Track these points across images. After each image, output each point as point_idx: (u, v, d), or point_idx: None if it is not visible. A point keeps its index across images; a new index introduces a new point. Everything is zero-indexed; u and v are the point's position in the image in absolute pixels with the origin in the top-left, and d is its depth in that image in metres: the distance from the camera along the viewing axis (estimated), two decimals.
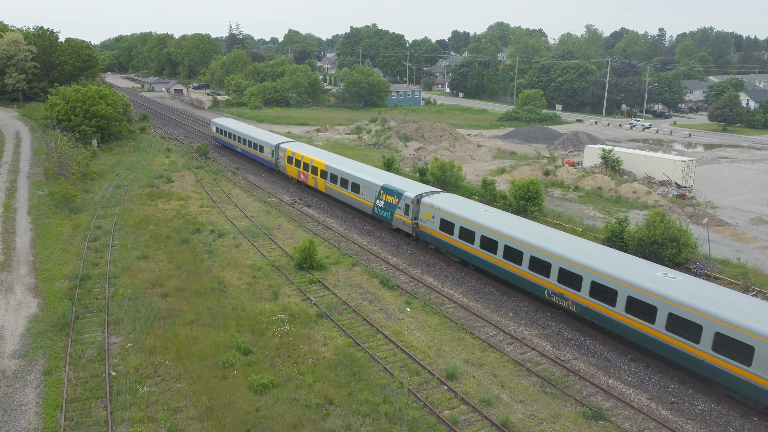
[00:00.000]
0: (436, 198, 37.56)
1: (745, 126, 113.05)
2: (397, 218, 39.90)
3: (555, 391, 23.32)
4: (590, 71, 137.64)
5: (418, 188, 40.08)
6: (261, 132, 66.26)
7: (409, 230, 39.05)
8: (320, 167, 48.62)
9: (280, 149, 56.58)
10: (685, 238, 35.13)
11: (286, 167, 55.70)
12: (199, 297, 30.29)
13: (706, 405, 22.94)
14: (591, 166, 64.32)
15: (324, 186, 48.51)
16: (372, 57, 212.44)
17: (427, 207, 37.01)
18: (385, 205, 40.84)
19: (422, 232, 37.83)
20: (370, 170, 46.13)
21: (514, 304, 31.51)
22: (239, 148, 66.82)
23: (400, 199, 39.37)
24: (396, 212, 39.83)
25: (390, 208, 40.47)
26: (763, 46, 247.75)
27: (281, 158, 56.39)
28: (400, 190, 39.75)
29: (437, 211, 36.06)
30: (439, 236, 36.20)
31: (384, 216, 41.29)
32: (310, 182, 50.79)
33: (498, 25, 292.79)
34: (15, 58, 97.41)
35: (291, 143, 57.47)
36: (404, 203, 39.03)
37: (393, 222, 40.47)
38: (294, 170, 53.84)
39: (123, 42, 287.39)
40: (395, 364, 24.77)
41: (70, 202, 44.74)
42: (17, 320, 27.14)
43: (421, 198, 38.06)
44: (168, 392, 22.14)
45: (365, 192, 43.00)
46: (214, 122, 75.47)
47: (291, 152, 54.09)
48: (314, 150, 53.96)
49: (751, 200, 55.05)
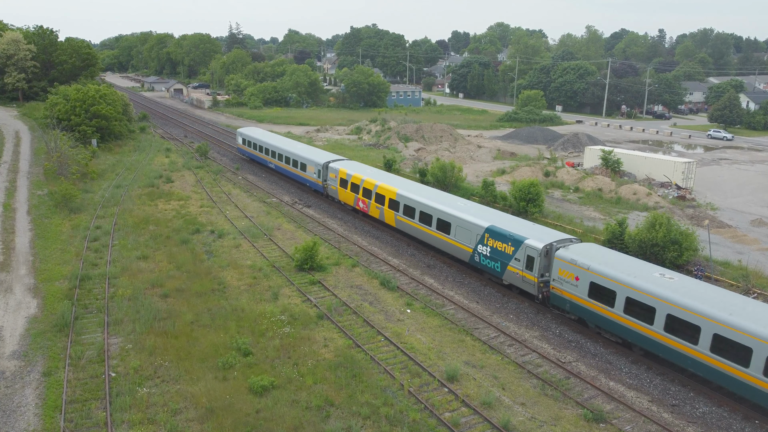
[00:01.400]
0: (580, 251, 28.46)
1: (745, 127, 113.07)
2: (513, 273, 31.00)
3: (556, 394, 23.28)
4: (590, 72, 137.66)
5: (545, 234, 30.92)
6: (303, 147, 56.68)
7: (532, 290, 30.12)
8: (388, 195, 40.44)
9: (330, 170, 47.84)
10: (689, 241, 35.11)
11: (337, 191, 47.02)
12: (199, 298, 30.23)
13: (708, 408, 22.89)
14: (591, 167, 64.30)
15: (394, 219, 40.06)
16: (372, 57, 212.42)
17: (566, 264, 28.04)
18: (493, 253, 32.06)
19: (556, 295, 28.94)
20: (463, 205, 36.83)
21: (514, 305, 31.46)
22: (272, 163, 58.40)
23: (518, 247, 30.41)
24: (511, 264, 30.93)
25: (500, 258, 31.67)
26: (763, 47, 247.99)
27: (331, 180, 47.82)
28: (519, 236, 30.71)
29: (585, 272, 27.10)
30: (588, 306, 27.09)
31: (490, 267, 32.51)
32: (373, 212, 42.55)
33: (498, 25, 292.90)
34: (15, 58, 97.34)
35: (344, 162, 48.65)
36: (525, 254, 30.06)
37: (504, 276, 31.68)
38: (349, 196, 45.33)
39: (123, 41, 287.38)
40: (396, 365, 24.71)
41: (69, 202, 44.67)
42: (17, 321, 27.07)
43: (555, 249, 29.16)
44: (168, 393, 22.07)
45: (460, 233, 34.36)
46: (241, 133, 65.88)
47: (345, 174, 45.43)
48: (379, 173, 44.86)
49: (751, 202, 55.03)
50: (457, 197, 39.09)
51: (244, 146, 65.21)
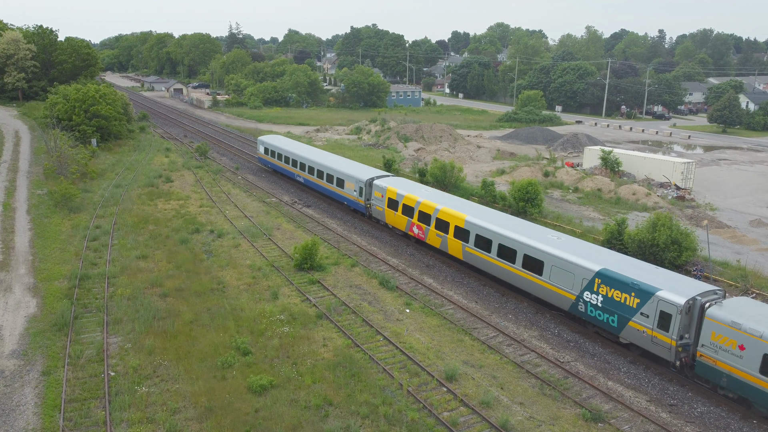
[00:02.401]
0: (740, 310, 22.65)
1: (745, 128, 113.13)
2: (637, 331, 25.10)
3: (554, 393, 23.32)
4: (590, 72, 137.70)
5: (682, 284, 25.00)
6: (340, 160, 50.61)
7: (666, 355, 24.37)
8: (454, 222, 34.94)
9: (376, 188, 42.19)
10: (688, 241, 35.16)
11: (384, 213, 41.44)
12: (199, 297, 30.26)
13: (706, 407, 22.94)
14: (590, 167, 64.34)
15: (461, 250, 34.50)
16: (372, 57, 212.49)
17: (724, 327, 22.26)
18: (607, 303, 26.12)
19: (706, 366, 23.06)
20: (557, 239, 30.44)
21: (513, 305, 31.50)
22: (301, 177, 52.77)
23: (646, 300, 24.64)
24: (635, 320, 25.06)
25: (618, 311, 25.70)
26: (762, 47, 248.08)
27: (376, 200, 42.19)
28: (647, 285, 24.84)
29: (756, 341, 21.31)
30: (761, 385, 21.47)
31: (601, 320, 26.61)
32: (432, 240, 37.08)
33: (498, 25, 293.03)
34: (14, 57, 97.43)
35: (393, 180, 42.73)
36: (657, 309, 24.22)
37: (623, 333, 25.82)
38: (400, 220, 39.90)
39: (123, 41, 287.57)
40: (395, 365, 24.75)
41: (69, 202, 44.71)
42: (16, 320, 27.10)
43: (702, 306, 23.41)
44: (167, 393, 22.11)
45: (557, 275, 28.48)
46: (263, 141, 60.46)
47: (395, 193, 39.93)
48: (439, 195, 39.16)
49: (750, 202, 55.08)
50: (547, 229, 32.70)
51: (266, 156, 59.79)
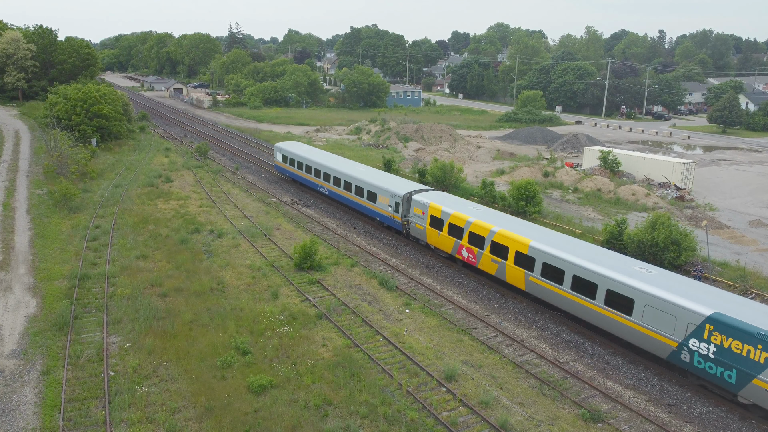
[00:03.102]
0: None
1: (745, 128, 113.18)
2: (762, 390, 21.17)
3: (554, 393, 23.34)
4: (590, 73, 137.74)
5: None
6: (372, 172, 45.66)
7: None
8: (514, 247, 30.58)
9: (415, 203, 38.07)
10: (687, 241, 35.18)
11: (426, 232, 37.36)
12: (198, 297, 30.28)
13: (705, 408, 22.96)
14: (590, 167, 64.38)
15: (523, 280, 30.32)
16: (372, 57, 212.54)
17: None
18: (723, 355, 22.03)
19: None
20: (649, 273, 25.93)
21: (513, 305, 31.52)
22: (325, 188, 48.64)
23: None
24: (761, 378, 21.06)
25: (738, 365, 21.65)
26: (762, 48, 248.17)
27: (416, 217, 38.12)
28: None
29: None
30: None
31: (714, 375, 22.52)
32: (486, 267, 32.79)
33: (498, 26, 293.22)
34: (14, 57, 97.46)
35: (435, 195, 38.39)
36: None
37: (743, 392, 21.82)
38: (445, 241, 35.76)
39: (123, 41, 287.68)
40: (394, 365, 24.77)
41: (69, 202, 44.73)
42: (16, 320, 27.12)
43: None
44: (167, 392, 22.13)
45: (651, 316, 24.18)
46: (281, 148, 56.41)
47: (439, 211, 35.93)
48: (493, 215, 34.68)
49: (750, 203, 55.10)
50: (630, 259, 28.00)
51: (284, 164, 55.77)
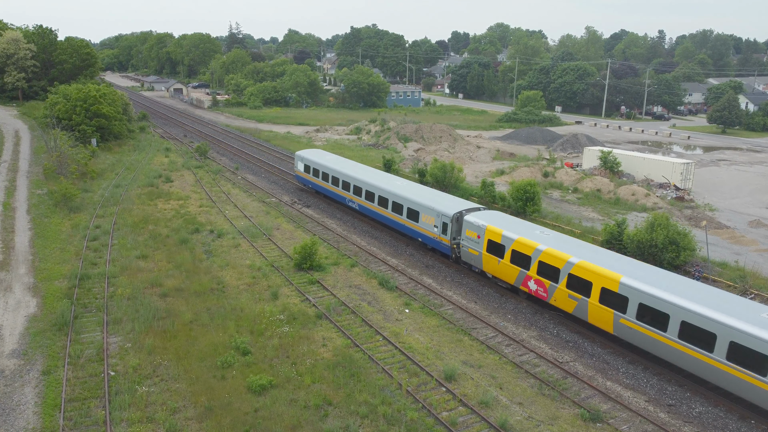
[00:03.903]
0: None
1: (744, 128, 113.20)
2: None
3: (553, 393, 23.37)
4: (590, 73, 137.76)
5: None
6: (414, 187, 40.84)
7: None
8: (600, 282, 26.24)
9: (468, 225, 33.49)
10: (686, 241, 35.21)
11: (481, 259, 32.86)
12: (198, 297, 30.31)
13: (704, 407, 23.00)
14: (590, 167, 64.41)
15: (612, 322, 26.03)
16: (372, 57, 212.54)
17: None
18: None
19: None
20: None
21: (512, 305, 31.55)
22: (355, 202, 44.16)
23: None
24: None
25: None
26: (762, 48, 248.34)
27: (469, 241, 33.46)
28: None
29: None
30: None
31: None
32: (561, 303, 28.52)
33: (498, 26, 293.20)
34: (14, 57, 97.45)
35: (492, 216, 33.85)
36: None
37: None
38: (507, 270, 31.34)
39: (123, 41, 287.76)
40: (394, 365, 24.80)
41: (69, 202, 44.75)
42: (16, 319, 27.14)
43: None
44: (167, 392, 22.16)
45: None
46: (303, 157, 51.84)
47: (499, 236, 31.34)
48: (568, 242, 30.02)
49: (749, 203, 55.13)
50: (759, 304, 23.70)
51: (306, 174, 51.33)
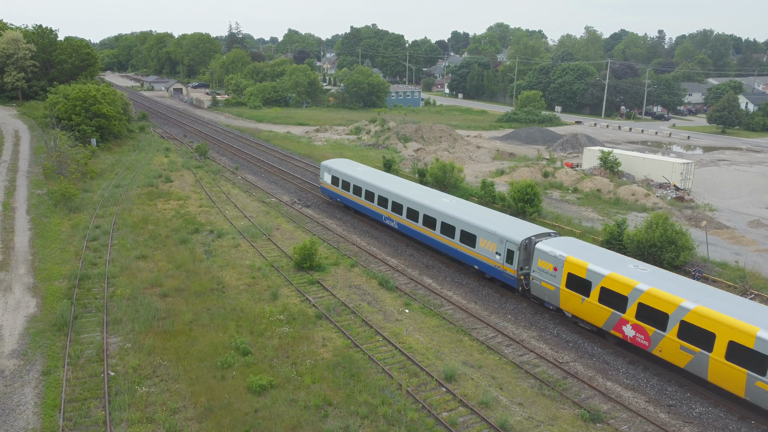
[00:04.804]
0: None
1: (744, 128, 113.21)
2: None
3: (553, 394, 23.37)
4: (589, 73, 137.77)
5: None
6: (467, 206, 36.41)
7: None
8: (727, 335, 21.84)
9: (542, 254, 29.05)
10: (683, 240, 35.18)
11: (560, 295, 28.42)
12: (198, 297, 30.30)
13: (704, 408, 22.99)
14: (590, 168, 64.41)
15: (744, 384, 21.64)
16: (372, 57, 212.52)
17: None
18: None
19: None
20: None
21: (512, 306, 31.54)
22: (395, 220, 39.66)
23: None
24: None
25: None
26: (762, 48, 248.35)
27: (542, 273, 29.09)
28: None
29: None
30: None
31: None
32: (669, 355, 24.05)
33: (498, 26, 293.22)
34: (14, 57, 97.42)
35: (570, 244, 29.40)
36: None
37: None
38: (594, 311, 26.84)
39: (122, 41, 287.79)
40: (394, 365, 24.79)
41: (69, 202, 44.73)
42: (16, 320, 27.13)
43: None
44: (167, 393, 22.15)
45: None
46: (330, 167, 47.48)
47: (584, 269, 27.03)
48: (677, 281, 25.56)
49: (749, 203, 55.13)
50: None
51: (334, 187, 46.82)
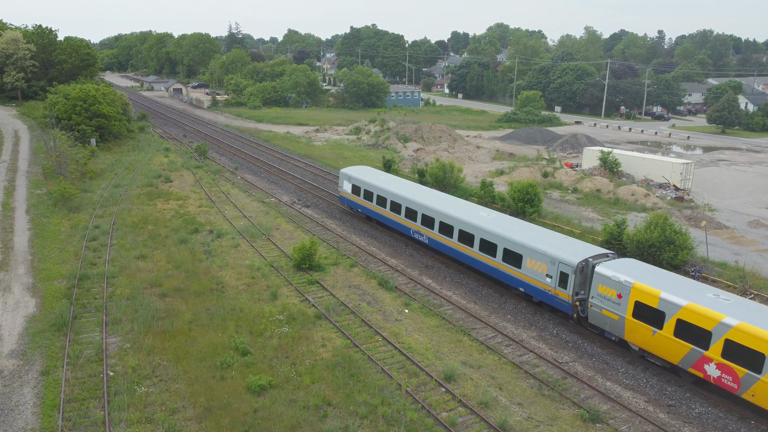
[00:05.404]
0: None
1: (744, 129, 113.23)
2: None
3: (553, 394, 23.35)
4: (589, 73, 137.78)
5: None
6: (508, 221, 33.58)
7: None
8: None
9: (604, 279, 26.06)
10: (682, 240, 35.17)
11: (625, 325, 25.41)
12: (198, 297, 30.28)
13: (704, 408, 22.99)
14: (590, 168, 64.40)
15: None
16: (371, 57, 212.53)
17: None
18: None
19: None
20: None
21: (512, 306, 31.53)
22: (425, 235, 37.12)
23: None
24: None
25: None
26: (762, 48, 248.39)
27: (603, 300, 26.16)
28: None
29: None
30: None
31: None
32: (766, 401, 21.36)
33: (497, 26, 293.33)
34: (14, 57, 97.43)
35: (636, 268, 26.46)
36: None
37: None
38: (670, 346, 23.91)
39: (122, 41, 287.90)
40: (393, 365, 24.78)
41: (68, 201, 44.70)
42: (15, 320, 27.11)
43: None
44: (166, 393, 22.13)
45: None
46: (350, 176, 44.86)
47: (657, 299, 24.04)
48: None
49: (749, 203, 55.13)
50: None
51: (355, 197, 44.23)
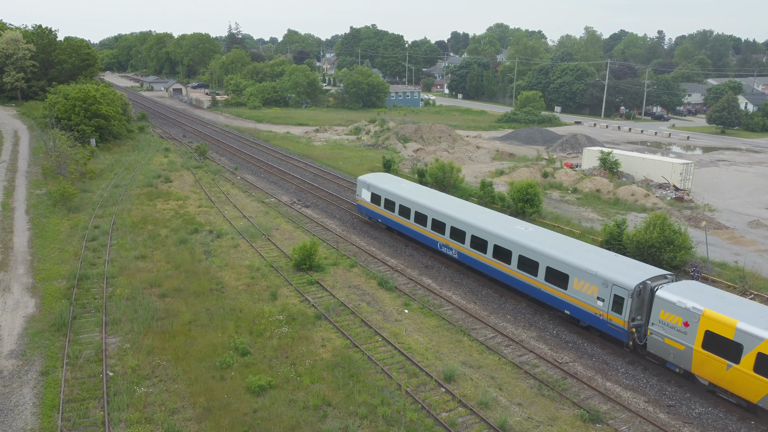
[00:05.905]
0: None
1: (744, 129, 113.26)
2: None
3: (553, 394, 23.34)
4: (589, 73, 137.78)
5: None
6: (548, 236, 31.45)
7: None
8: None
9: (667, 305, 23.76)
10: (681, 240, 35.15)
11: (693, 357, 23.11)
12: (198, 297, 30.27)
13: (704, 408, 22.97)
14: (589, 168, 64.40)
15: None
16: (371, 57, 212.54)
17: None
18: None
19: None
20: None
21: (512, 306, 31.52)
22: (454, 249, 34.89)
23: None
24: None
25: None
26: (761, 49, 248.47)
27: (666, 327, 23.80)
28: None
29: None
30: None
31: None
32: None
33: (497, 26, 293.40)
34: (14, 57, 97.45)
35: (707, 295, 23.91)
36: None
37: None
38: (746, 382, 21.55)
39: (122, 41, 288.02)
40: (393, 365, 24.77)
41: (68, 202, 44.70)
42: (15, 320, 27.09)
43: None
44: (165, 393, 22.11)
45: None
46: (369, 183, 42.73)
47: (733, 330, 21.64)
48: None
49: (749, 203, 55.12)
50: None
51: (375, 206, 42.06)
